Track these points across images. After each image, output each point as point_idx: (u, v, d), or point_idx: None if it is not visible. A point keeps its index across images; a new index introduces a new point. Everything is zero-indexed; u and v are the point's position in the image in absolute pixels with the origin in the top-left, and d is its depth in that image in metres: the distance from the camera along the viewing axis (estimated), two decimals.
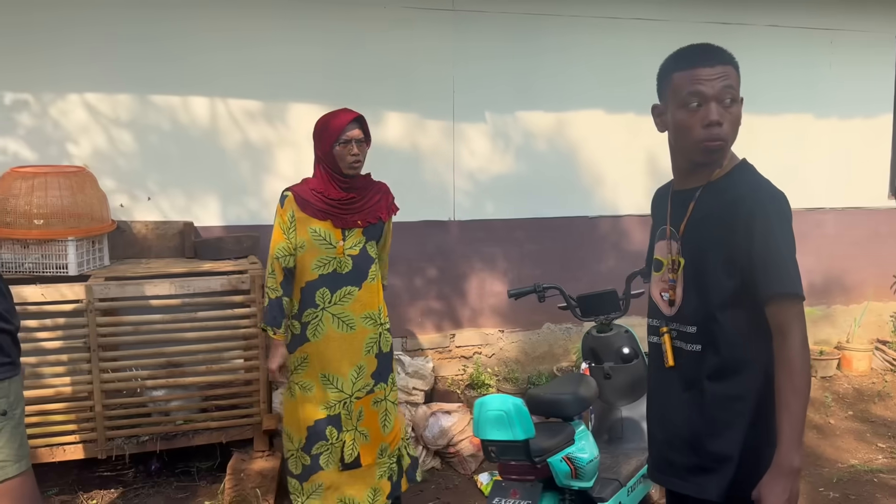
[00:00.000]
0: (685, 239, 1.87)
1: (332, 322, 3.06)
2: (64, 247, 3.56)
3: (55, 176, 3.61)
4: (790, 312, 1.70)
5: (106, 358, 3.44)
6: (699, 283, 1.83)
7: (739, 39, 5.19)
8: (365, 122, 3.07)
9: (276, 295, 3.04)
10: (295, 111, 4.41)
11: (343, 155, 3.00)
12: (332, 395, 3.09)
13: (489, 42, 4.74)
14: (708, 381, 1.81)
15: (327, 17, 4.39)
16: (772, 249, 1.71)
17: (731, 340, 1.78)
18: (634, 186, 5.17)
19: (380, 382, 3.16)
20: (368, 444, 3.15)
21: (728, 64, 1.79)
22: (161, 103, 4.18)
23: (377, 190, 3.17)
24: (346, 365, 3.08)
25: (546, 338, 5.10)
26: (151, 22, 4.10)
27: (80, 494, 3.60)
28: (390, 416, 3.20)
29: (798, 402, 1.68)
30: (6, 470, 2.18)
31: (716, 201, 1.81)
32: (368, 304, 3.11)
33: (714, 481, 1.80)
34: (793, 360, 1.68)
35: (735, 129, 1.80)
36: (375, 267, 3.15)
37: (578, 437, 2.75)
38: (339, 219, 3.05)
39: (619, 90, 4.96)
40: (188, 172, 4.26)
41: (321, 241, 3.04)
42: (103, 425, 3.45)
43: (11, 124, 3.97)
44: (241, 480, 3.49)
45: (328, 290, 3.05)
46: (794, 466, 1.67)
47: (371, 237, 3.13)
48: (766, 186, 1.80)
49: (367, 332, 3.11)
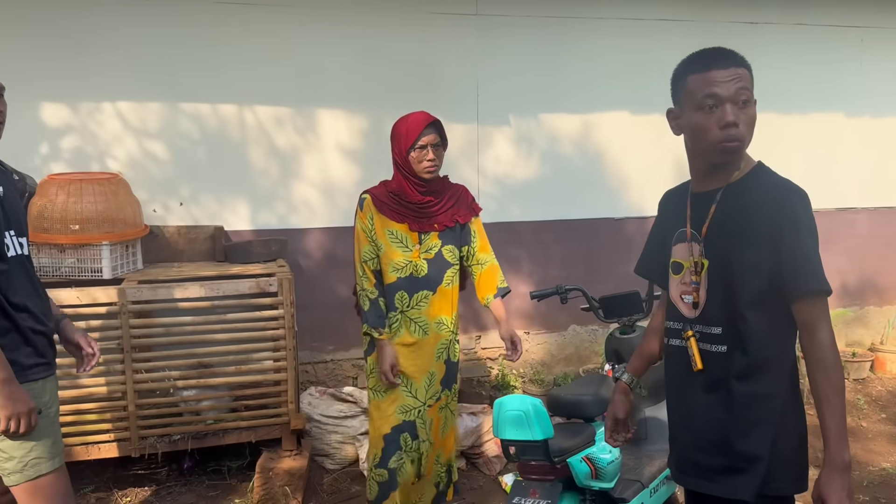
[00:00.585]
0: (708, 241, 1.87)
1: (408, 326, 3.08)
2: (99, 251, 3.67)
3: (90, 182, 3.72)
4: (818, 309, 1.73)
5: (139, 359, 3.53)
6: (725, 284, 1.83)
7: (767, 39, 5.17)
8: (441, 125, 3.03)
9: (374, 296, 3.07)
10: (321, 117, 4.49)
11: (419, 160, 2.97)
12: (408, 401, 3.10)
13: (513, 45, 4.77)
14: (735, 380, 1.82)
15: (352, 23, 4.46)
16: (800, 247, 1.72)
17: (758, 339, 1.79)
18: (660, 187, 5.07)
19: (445, 389, 3.16)
20: (431, 452, 3.16)
21: (741, 66, 1.81)
22: (191, 111, 4.29)
23: (454, 193, 3.13)
24: (419, 370, 3.09)
25: (572, 340, 5.11)
26: (181, 33, 4.21)
27: (115, 492, 3.70)
28: (448, 423, 3.20)
29: (837, 397, 1.70)
30: (40, 467, 2.27)
31: (738, 202, 1.82)
32: (442, 310, 3.11)
33: (745, 481, 1.80)
34: (826, 357, 1.71)
35: (750, 130, 1.81)
36: (453, 272, 3.12)
37: (599, 438, 2.76)
38: (415, 222, 3.04)
39: (645, 91, 4.95)
40: (218, 178, 4.37)
41: (398, 243, 3.04)
42: (136, 424, 3.54)
43: (48, 132, 4.10)
44: (269, 479, 3.56)
45: (406, 293, 3.06)
46: (846, 461, 1.69)
47: (449, 241, 3.09)
48: (788, 185, 1.81)
49: (439, 337, 3.11)
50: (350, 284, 4.65)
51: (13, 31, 3.91)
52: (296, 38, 4.39)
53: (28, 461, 2.24)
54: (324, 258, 4.59)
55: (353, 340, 4.65)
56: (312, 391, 4.24)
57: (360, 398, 4.10)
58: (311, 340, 4.51)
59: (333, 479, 3.92)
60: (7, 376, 2.14)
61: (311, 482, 3.84)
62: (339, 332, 4.62)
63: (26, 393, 2.19)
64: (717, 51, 1.84)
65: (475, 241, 3.16)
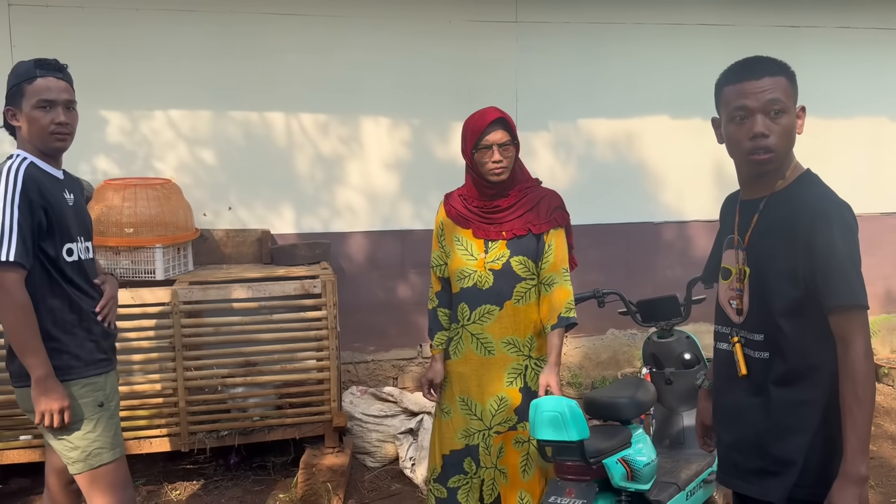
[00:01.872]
0: (750, 249, 1.91)
1: (470, 342, 2.78)
2: (152, 253, 3.81)
3: (144, 187, 3.88)
4: (853, 323, 1.73)
5: (189, 357, 3.65)
6: (763, 293, 1.86)
7: (810, 42, 5.12)
8: (508, 122, 2.69)
9: (432, 306, 2.91)
10: (364, 124, 4.60)
11: (483, 161, 2.66)
12: (473, 424, 2.80)
13: (552, 52, 4.82)
14: (774, 386, 1.85)
15: (394, 32, 4.56)
16: (834, 259, 1.72)
17: (797, 348, 1.81)
18: (700, 192, 5.15)
19: (524, 421, 2.74)
20: (508, 486, 2.78)
21: (778, 75, 1.81)
22: (240, 119, 4.43)
23: (533, 198, 2.75)
24: (486, 393, 2.77)
25: (610, 344, 5.13)
26: (231, 44, 4.35)
27: (165, 485, 3.84)
28: (532, 462, 2.79)
29: (862, 412, 1.71)
30: (101, 456, 2.40)
31: (779, 212, 1.84)
32: (511, 329, 2.74)
33: (777, 484, 1.84)
34: (856, 371, 1.71)
35: (785, 140, 1.82)
36: (525, 287, 2.73)
37: (636, 440, 2.79)
38: (480, 228, 2.75)
39: (685, 95, 4.96)
40: (265, 184, 4.50)
41: (464, 251, 2.78)
42: (186, 420, 3.65)
43: (105, 139, 4.28)
44: (312, 475, 3.67)
45: (468, 305, 2.77)
46: (862, 475, 1.70)
47: (520, 252, 2.72)
48: (829, 196, 1.81)
49: (509, 360, 2.76)
50: (391, 287, 4.78)
51: (74, 44, 4.09)
52: (340, 47, 4.50)
53: (91, 451, 2.38)
54: (366, 261, 4.69)
55: (394, 342, 4.76)
56: (354, 390, 4.34)
57: (399, 398, 4.19)
58: (353, 341, 4.62)
59: (374, 476, 4.01)
60: (45, 373, 2.27)
61: (353, 479, 3.94)
62: (380, 333, 4.72)
63: (63, 391, 2.31)
64: (752, 61, 1.85)
65: (547, 257, 2.74)
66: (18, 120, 2.37)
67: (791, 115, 1.82)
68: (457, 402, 2.83)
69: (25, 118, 2.35)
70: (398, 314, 4.73)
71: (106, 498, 2.43)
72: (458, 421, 2.83)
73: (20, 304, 2.24)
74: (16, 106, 2.37)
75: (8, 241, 2.21)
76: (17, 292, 2.23)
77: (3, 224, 2.22)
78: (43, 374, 2.27)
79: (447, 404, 2.86)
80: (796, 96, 1.85)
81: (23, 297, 2.24)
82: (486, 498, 2.84)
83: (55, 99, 2.35)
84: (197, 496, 3.76)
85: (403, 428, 4.09)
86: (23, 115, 2.35)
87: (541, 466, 2.82)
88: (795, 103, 1.84)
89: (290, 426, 3.80)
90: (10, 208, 2.23)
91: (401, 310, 4.75)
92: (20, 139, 2.41)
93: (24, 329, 2.25)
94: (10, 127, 2.43)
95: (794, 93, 1.83)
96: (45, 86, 2.34)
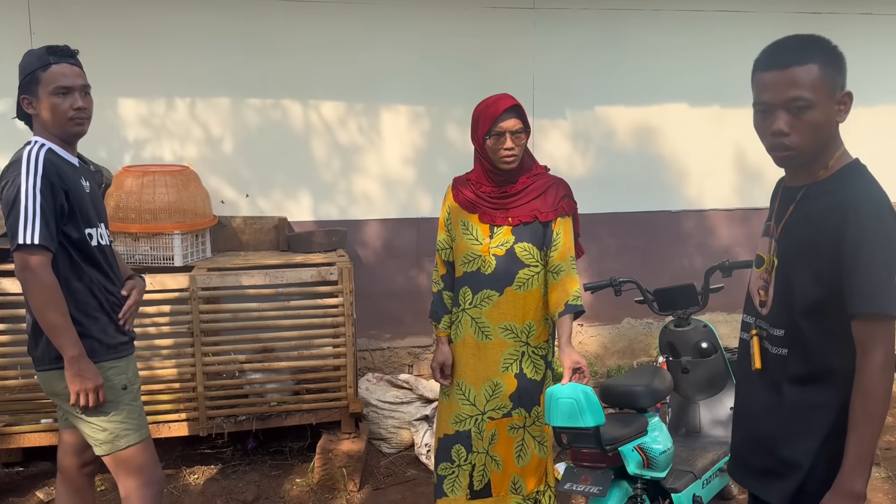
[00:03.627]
0: (780, 240, 1.81)
1: (469, 326, 2.80)
2: (170, 240, 3.84)
3: (162, 174, 3.90)
4: (875, 332, 1.62)
5: (207, 343, 3.67)
6: (787, 288, 1.78)
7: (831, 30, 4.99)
8: (521, 110, 2.71)
9: (437, 288, 2.93)
10: (381, 111, 4.59)
11: (495, 148, 2.67)
12: (465, 409, 2.83)
13: (570, 38, 4.79)
14: (789, 385, 1.77)
15: (411, 17, 4.54)
16: (861, 262, 1.61)
17: (819, 349, 1.72)
18: (720, 181, 5.11)
19: (519, 408, 2.80)
20: (500, 473, 2.83)
21: (806, 63, 1.66)
22: (257, 106, 4.45)
23: (542, 186, 2.76)
24: (479, 377, 2.81)
25: (626, 332, 5.11)
26: (248, 31, 4.36)
27: (183, 469, 3.88)
28: (527, 448, 2.83)
29: (869, 428, 1.62)
30: (129, 438, 2.44)
31: (815, 205, 1.73)
32: (510, 315, 2.76)
33: (780, 486, 1.78)
34: (870, 383, 1.62)
35: (810, 137, 1.68)
36: (528, 274, 2.74)
37: (652, 428, 2.79)
38: (485, 213, 2.76)
39: (704, 83, 4.92)
40: (282, 171, 4.52)
41: (469, 235, 2.79)
42: (204, 405, 3.69)
43: (123, 126, 4.31)
44: (329, 460, 3.70)
45: (470, 290, 2.79)
46: (856, 491, 1.63)
47: (525, 238, 2.73)
48: (867, 192, 1.67)
49: (505, 345, 2.78)
50: (407, 275, 4.78)
51: (93, 31, 4.12)
52: (357, 34, 4.49)
53: (118, 433, 2.42)
54: (382, 249, 4.70)
55: (409, 329, 4.77)
56: (370, 377, 4.37)
57: (415, 385, 4.21)
58: (369, 328, 4.64)
59: (390, 462, 4.04)
60: (78, 353, 2.30)
61: (369, 464, 3.96)
62: (396, 320, 4.74)
63: (96, 370, 2.35)
64: (781, 46, 1.72)
65: (556, 246, 2.74)
66: (35, 108, 2.38)
67: (821, 108, 1.67)
68: (454, 387, 2.87)
69: (43, 105, 2.36)
70: (414, 302, 4.74)
71: (135, 479, 2.47)
72: (452, 405, 2.86)
73: (48, 286, 2.26)
74: (31, 94, 2.38)
75: (32, 225, 2.24)
76: (44, 274, 2.26)
77: (27, 208, 2.24)
78: (76, 353, 2.29)
79: (448, 387, 2.89)
80: (835, 82, 1.69)
81: (50, 279, 2.27)
82: (475, 484, 2.85)
83: (72, 85, 2.37)
84: (215, 480, 3.81)
85: (419, 415, 4.11)
86: (40, 102, 2.37)
87: (537, 453, 2.86)
88: (836, 90, 1.69)
89: (306, 412, 3.83)
90: (32, 192, 2.25)
91: (416, 297, 4.75)
92: (37, 126, 2.42)
93: (54, 310, 2.27)
94: (24, 116, 2.44)
95: (829, 80, 1.68)
96: (61, 72, 2.36)
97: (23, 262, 2.26)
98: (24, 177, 2.26)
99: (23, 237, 2.23)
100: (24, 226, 2.23)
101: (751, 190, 5.13)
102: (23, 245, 2.24)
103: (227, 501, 3.61)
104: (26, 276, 2.26)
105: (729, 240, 5.19)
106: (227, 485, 3.76)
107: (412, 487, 3.80)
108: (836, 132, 1.75)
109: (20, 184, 2.26)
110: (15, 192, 2.26)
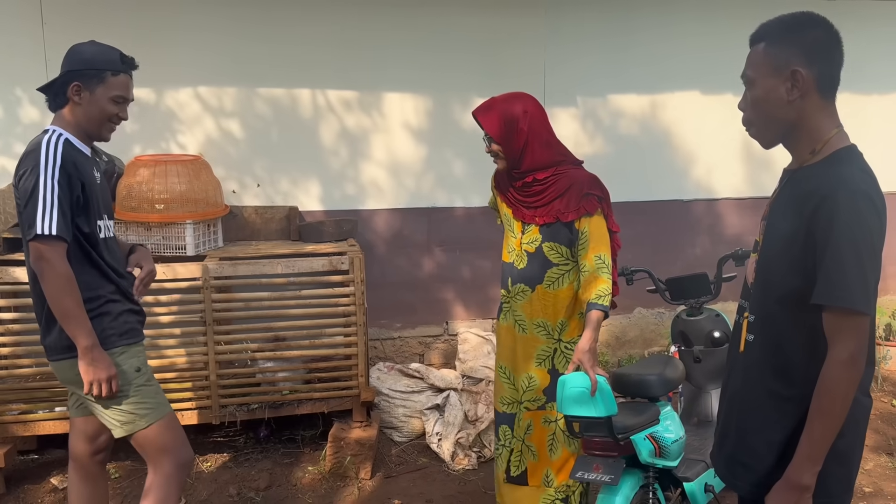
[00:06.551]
0: (766, 224, 1.79)
1: (510, 315, 2.87)
2: (182, 229, 3.85)
3: (174, 164, 3.91)
4: (840, 326, 1.57)
5: (220, 331, 3.69)
6: (766, 274, 1.74)
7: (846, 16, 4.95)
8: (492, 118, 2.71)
9: None
10: (388, 99, 4.58)
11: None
12: (510, 392, 2.91)
13: (581, 24, 4.76)
14: (762, 373, 1.73)
15: (420, 5, 4.52)
16: (830, 252, 1.56)
17: (787, 338, 1.68)
18: (731, 169, 5.08)
19: (552, 402, 2.81)
20: (536, 463, 2.89)
21: (758, 41, 1.71)
22: (266, 95, 4.44)
23: (565, 184, 2.72)
24: (519, 368, 2.87)
25: (637, 322, 5.10)
26: (257, 19, 4.35)
27: (196, 457, 3.88)
28: (558, 442, 2.87)
29: (823, 423, 1.59)
30: (148, 417, 2.47)
31: (794, 191, 1.69)
32: (541, 312, 2.78)
33: (744, 475, 1.77)
34: (828, 379, 1.58)
35: (757, 113, 1.72)
36: (558, 273, 2.75)
37: (664, 418, 2.79)
38: (518, 210, 2.80)
39: (716, 70, 4.87)
40: (293, 160, 4.52)
41: (508, 226, 2.87)
42: (217, 393, 3.71)
43: (135, 116, 4.31)
44: (340, 448, 3.72)
45: (510, 279, 2.85)
46: (803, 483, 1.61)
47: (551, 238, 2.73)
48: (848, 180, 1.59)
49: (538, 341, 2.82)
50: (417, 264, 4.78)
51: (103, 20, 4.12)
52: (366, 22, 4.48)
53: (137, 412, 2.45)
54: (392, 238, 4.71)
55: (420, 318, 4.78)
56: (381, 366, 4.38)
57: (426, 374, 4.21)
58: (380, 318, 4.65)
59: (401, 450, 4.05)
60: (91, 343, 2.32)
61: (380, 453, 3.98)
62: (407, 310, 4.74)
63: (109, 359, 2.37)
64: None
65: (582, 245, 2.70)
66: (81, 99, 2.39)
67: (760, 86, 1.68)
68: (499, 368, 2.95)
69: (92, 101, 2.39)
70: (424, 291, 4.75)
71: (163, 457, 2.50)
72: (499, 386, 2.96)
73: (64, 276, 2.28)
74: (88, 87, 2.39)
75: (50, 215, 2.25)
76: (60, 264, 2.28)
77: (45, 198, 2.26)
78: (89, 343, 2.32)
79: (499, 361, 2.96)
80: (780, 60, 1.66)
81: (66, 269, 2.29)
82: (513, 469, 2.92)
83: (128, 97, 2.48)
84: (227, 468, 3.83)
85: (430, 404, 4.12)
86: (91, 96, 2.39)
87: (567, 448, 2.87)
88: (781, 68, 1.65)
89: (318, 400, 3.85)
90: (50, 182, 2.27)
91: (427, 287, 4.76)
92: (64, 114, 2.41)
93: (69, 300, 2.29)
94: (54, 93, 2.41)
95: (772, 58, 1.67)
96: (126, 83, 2.47)
97: (38, 252, 2.27)
98: (42, 167, 2.28)
99: (40, 227, 2.25)
100: (41, 216, 2.25)
101: (763, 179, 5.09)
102: (40, 235, 2.25)
103: (239, 489, 3.64)
104: (42, 266, 2.28)
105: (741, 228, 5.16)
106: (239, 472, 3.78)
107: (424, 475, 3.82)
108: (814, 114, 1.68)
109: (39, 174, 2.27)
110: (34, 182, 2.28)
